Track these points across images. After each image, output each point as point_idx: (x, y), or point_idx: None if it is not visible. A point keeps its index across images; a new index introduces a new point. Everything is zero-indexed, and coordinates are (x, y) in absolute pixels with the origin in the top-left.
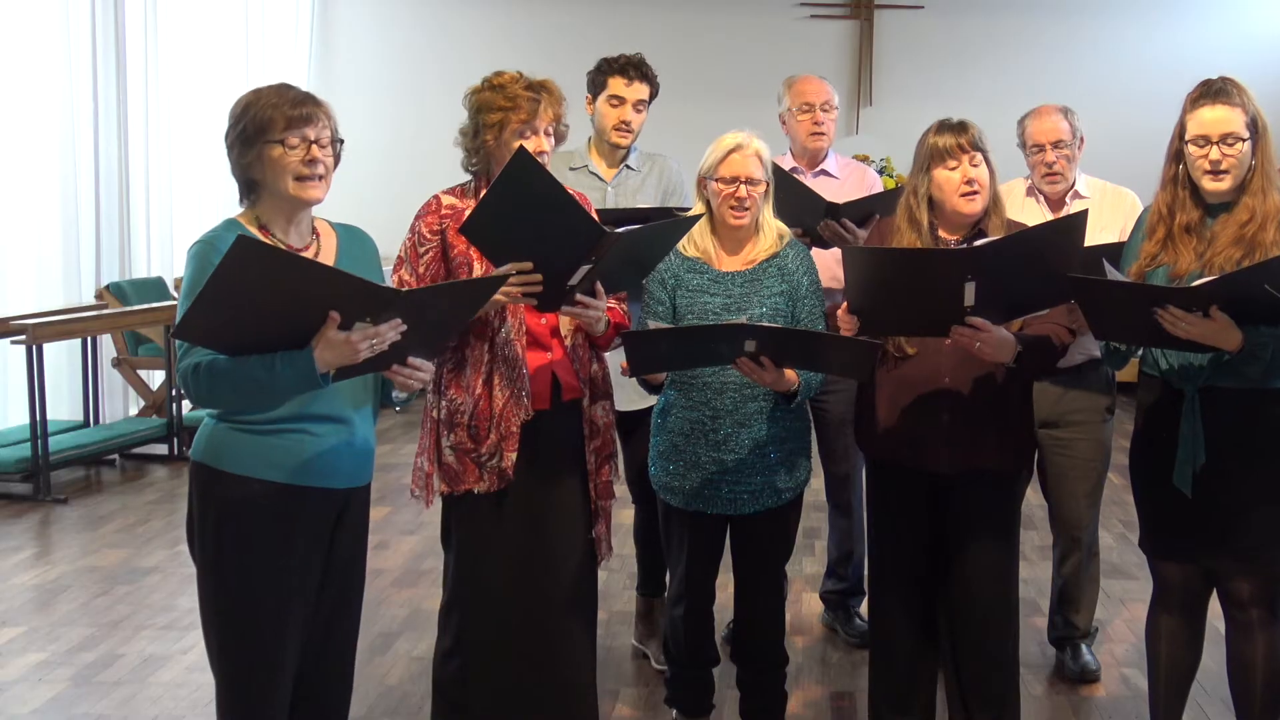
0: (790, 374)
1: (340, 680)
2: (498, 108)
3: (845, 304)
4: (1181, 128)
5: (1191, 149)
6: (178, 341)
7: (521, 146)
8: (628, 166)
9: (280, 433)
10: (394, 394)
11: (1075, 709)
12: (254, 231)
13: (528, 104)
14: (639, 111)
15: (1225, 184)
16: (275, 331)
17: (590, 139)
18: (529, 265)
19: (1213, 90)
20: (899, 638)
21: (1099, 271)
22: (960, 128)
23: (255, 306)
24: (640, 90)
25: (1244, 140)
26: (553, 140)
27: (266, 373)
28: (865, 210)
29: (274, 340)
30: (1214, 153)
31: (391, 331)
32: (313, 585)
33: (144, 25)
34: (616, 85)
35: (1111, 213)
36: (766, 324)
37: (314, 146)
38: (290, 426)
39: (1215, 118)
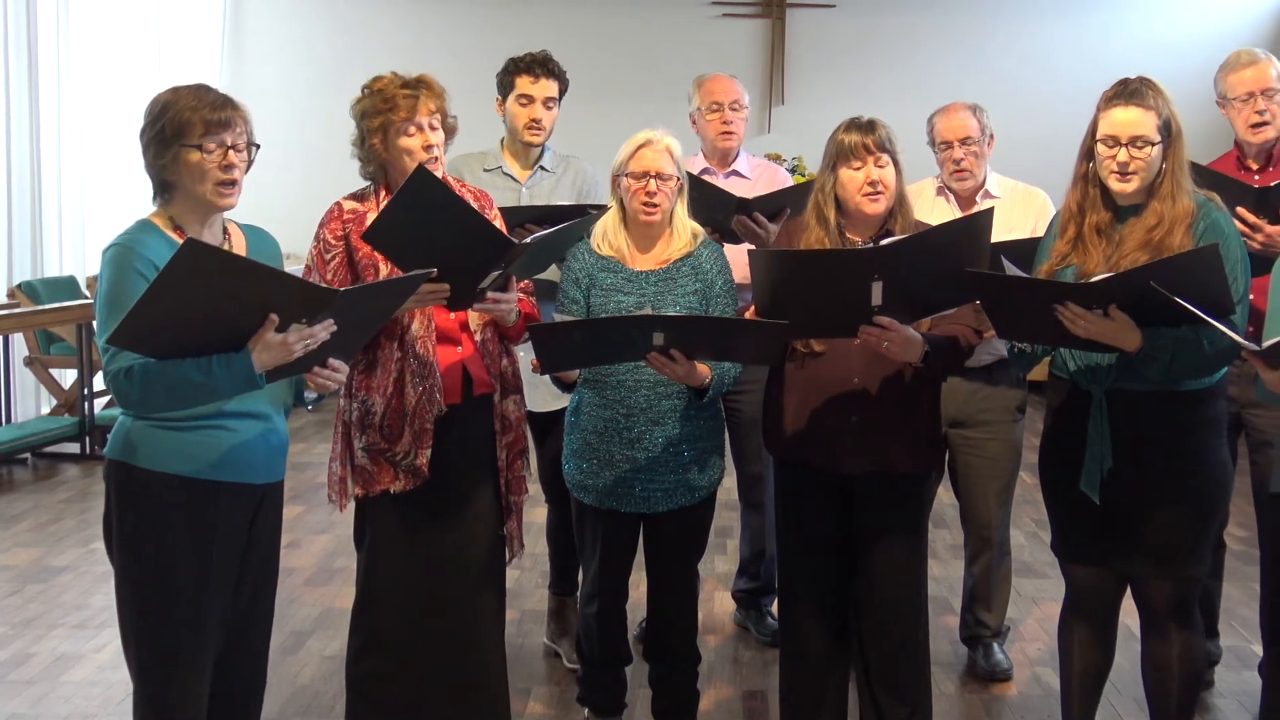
0: (702, 368)
1: (255, 677)
2: (377, 111)
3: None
4: (1094, 125)
5: (1101, 148)
6: (103, 345)
7: (420, 166)
8: (542, 168)
9: (197, 428)
10: (305, 393)
11: (987, 708)
12: (169, 233)
13: (404, 101)
14: (549, 108)
15: (1132, 186)
16: (211, 334)
17: (503, 140)
18: (434, 273)
19: (1128, 91)
20: (809, 637)
21: (1001, 269)
22: (868, 127)
23: (196, 309)
24: (548, 87)
25: (1154, 144)
26: (441, 133)
27: (203, 375)
28: (777, 204)
29: (208, 343)
30: (1122, 154)
31: (324, 332)
32: (230, 581)
33: (56, 23)
34: (524, 84)
35: (1022, 212)
36: (672, 313)
37: (231, 152)
38: (207, 422)
39: (1126, 119)
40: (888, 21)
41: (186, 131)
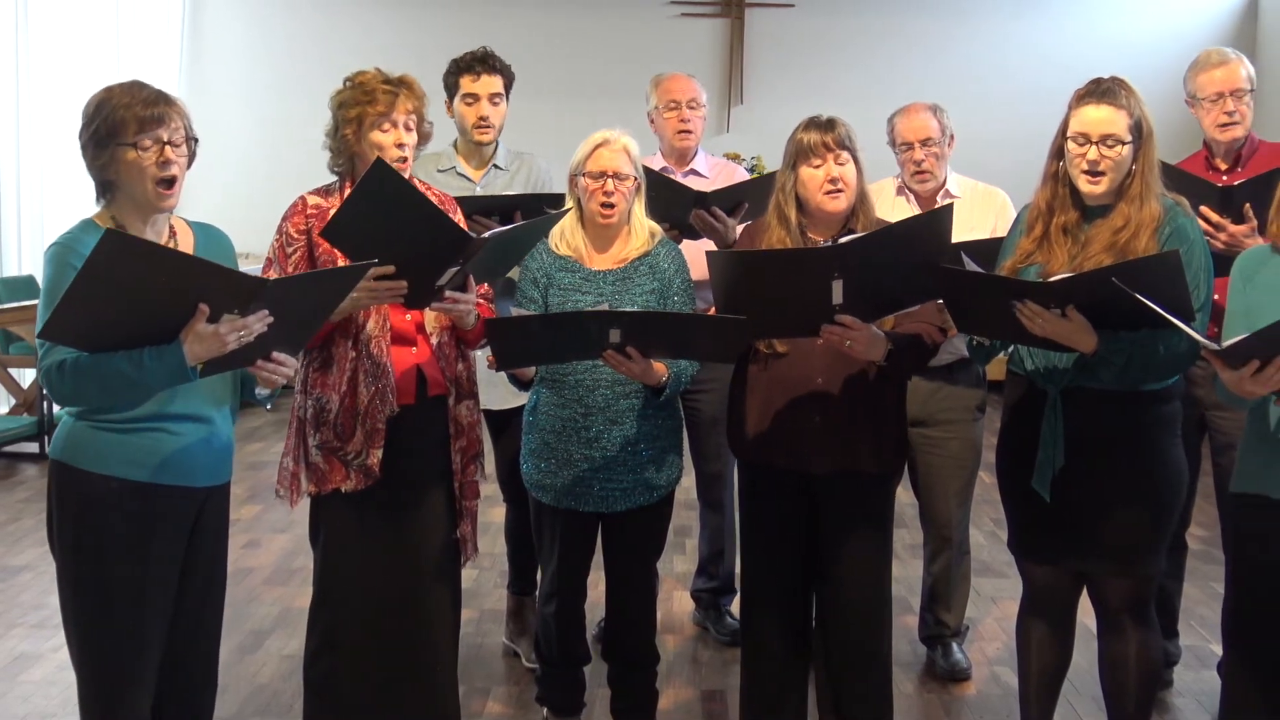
0: (659, 366)
1: (205, 680)
2: (356, 102)
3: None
4: (1065, 124)
5: (1071, 146)
6: (39, 340)
7: (379, 159)
8: (496, 166)
9: (139, 431)
10: (256, 391)
11: (946, 707)
12: None
13: (384, 96)
14: (496, 105)
15: (1101, 186)
16: (142, 326)
17: (455, 141)
18: (392, 269)
19: (1100, 89)
20: (771, 637)
21: (962, 266)
22: (828, 125)
23: (124, 301)
24: (492, 83)
25: (1125, 143)
26: (414, 136)
27: (134, 368)
28: (734, 198)
29: (140, 335)
30: (1092, 152)
31: (258, 323)
32: (172, 584)
33: (15, 23)
34: (467, 83)
35: (982, 212)
36: (629, 309)
37: (167, 148)
38: (149, 425)
39: (1098, 117)
40: (847, 21)
41: (121, 130)
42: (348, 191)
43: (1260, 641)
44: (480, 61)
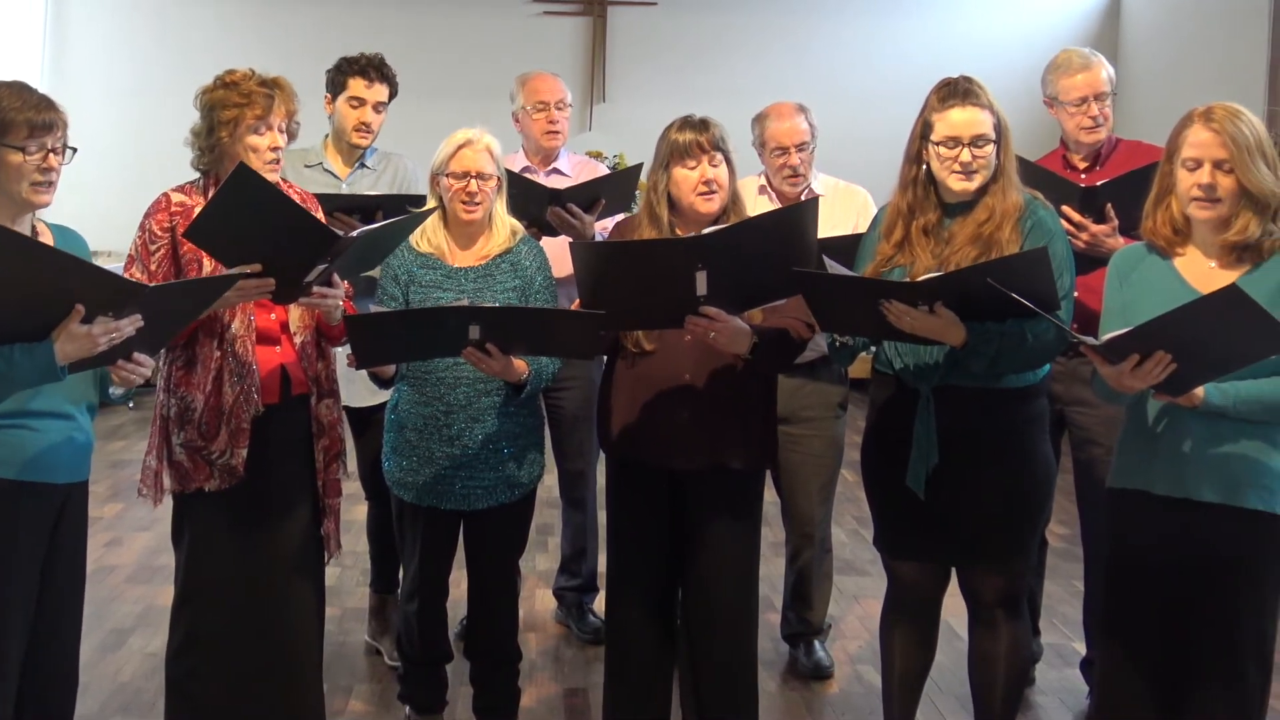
0: (519, 364)
1: (65, 678)
2: (232, 104)
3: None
4: (925, 128)
5: (941, 150)
6: None
7: (241, 164)
8: (363, 165)
9: (2, 428)
10: (111, 391)
11: (809, 705)
12: None
13: (262, 100)
14: (378, 112)
15: (974, 184)
16: (14, 322)
17: (327, 137)
18: (259, 268)
19: (960, 91)
20: (637, 633)
21: (823, 268)
22: (701, 126)
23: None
24: (380, 92)
25: (992, 142)
26: (285, 137)
27: (4, 364)
28: (590, 195)
29: (9, 331)
30: (965, 154)
31: (130, 326)
32: (35, 582)
33: None
34: (357, 87)
35: (844, 210)
36: (488, 304)
37: (51, 154)
38: (12, 422)
39: (966, 119)
40: (709, 20)
41: (9, 132)
42: (212, 189)
43: (1136, 637)
44: (375, 68)
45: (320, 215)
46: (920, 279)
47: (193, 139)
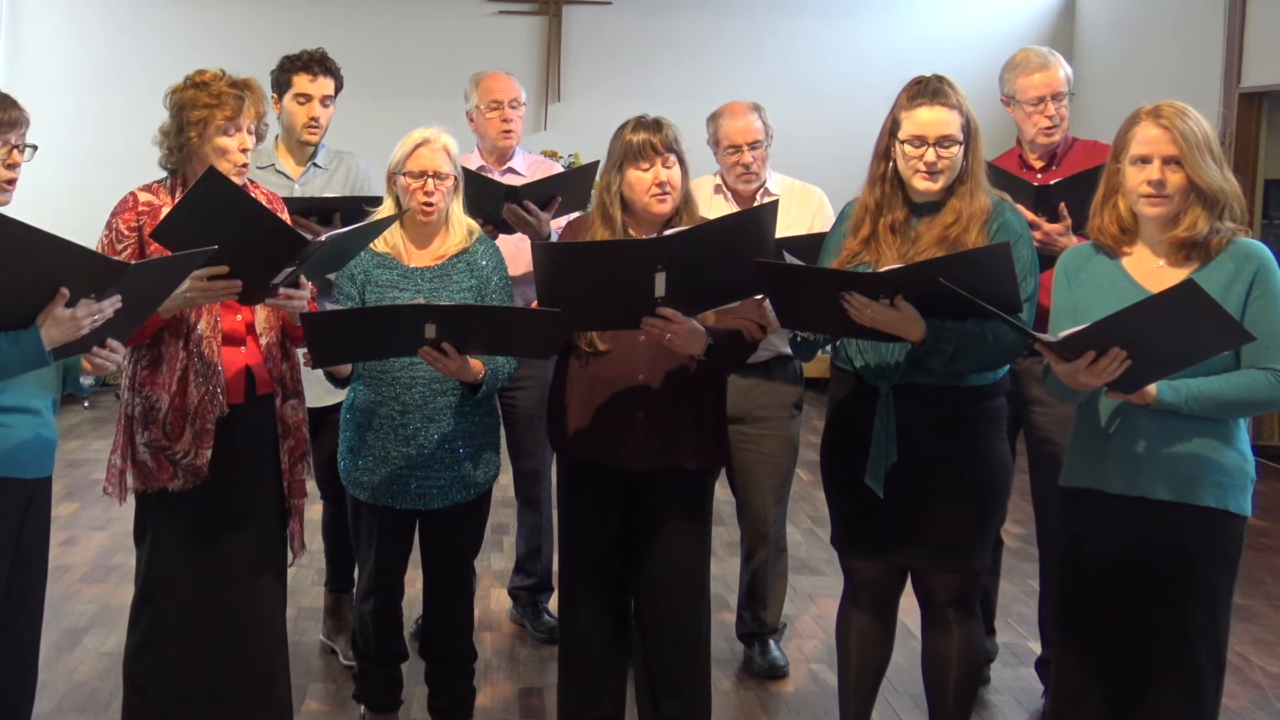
0: (475, 364)
1: (24, 674)
2: (202, 105)
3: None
4: (894, 125)
5: (907, 149)
6: None
7: (211, 167)
8: (315, 164)
9: None
10: (81, 379)
11: (763, 705)
12: None
13: (232, 101)
14: (326, 106)
15: (938, 184)
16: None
17: (278, 137)
18: (225, 269)
19: (930, 90)
20: (589, 632)
21: (785, 259)
22: (655, 127)
23: None
24: (325, 85)
25: (959, 143)
26: (254, 139)
27: None
28: (546, 192)
29: None
30: (930, 154)
31: (110, 307)
32: (3, 578)
33: None
34: (302, 83)
35: (799, 210)
36: (446, 303)
37: (15, 151)
38: None
39: (933, 119)
40: (665, 19)
41: None
42: (180, 189)
43: (1090, 636)
44: (319, 62)
45: (287, 217)
46: (882, 270)
47: (161, 138)
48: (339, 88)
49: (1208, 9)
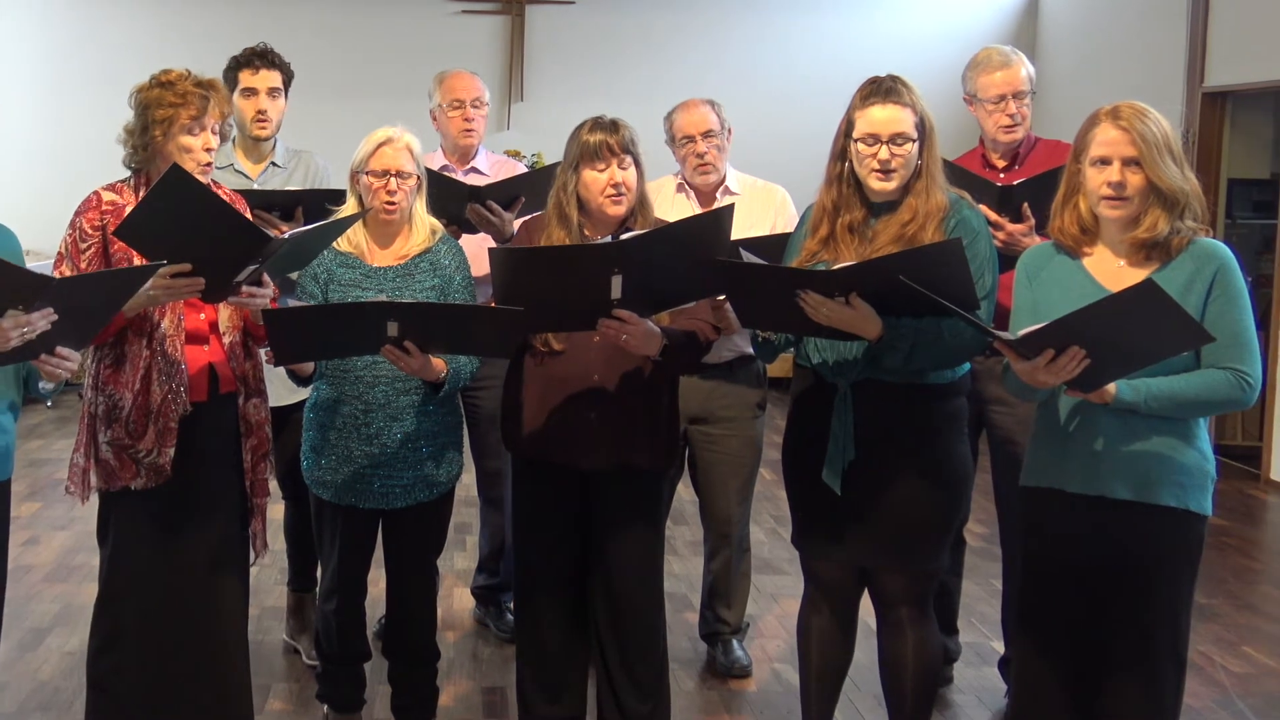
0: (438, 362)
1: None
2: (167, 104)
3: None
4: (849, 125)
5: (860, 147)
6: None
7: (175, 165)
8: (274, 164)
9: None
10: (40, 385)
11: (727, 704)
12: None
13: (197, 100)
14: (274, 99)
15: (892, 183)
16: None
17: (234, 138)
18: (188, 267)
19: (883, 89)
20: (546, 632)
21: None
22: (611, 127)
23: None
24: (270, 78)
25: (912, 141)
26: (219, 139)
27: None
28: (510, 192)
29: None
30: (883, 152)
31: (43, 320)
32: None
33: None
34: (245, 78)
35: (761, 209)
36: (407, 300)
37: None
38: None
39: (885, 117)
40: (627, 19)
41: None
42: (144, 188)
43: (1051, 635)
44: (260, 56)
45: (249, 215)
46: (835, 268)
47: (125, 137)
48: (287, 80)
49: (1171, 9)
